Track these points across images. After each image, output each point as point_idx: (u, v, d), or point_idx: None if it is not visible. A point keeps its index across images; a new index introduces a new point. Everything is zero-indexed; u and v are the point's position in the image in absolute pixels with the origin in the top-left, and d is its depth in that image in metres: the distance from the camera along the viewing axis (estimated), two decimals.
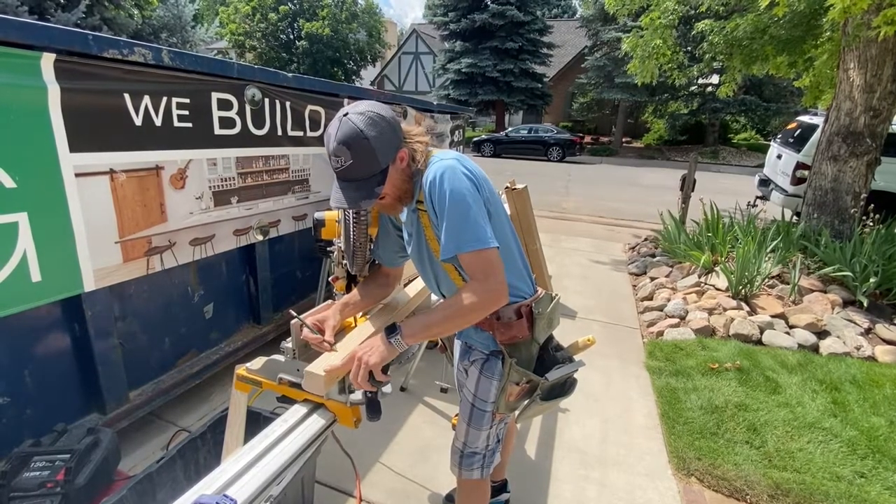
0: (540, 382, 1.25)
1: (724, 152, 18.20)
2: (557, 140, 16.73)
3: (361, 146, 1.05)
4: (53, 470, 1.48)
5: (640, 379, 2.90)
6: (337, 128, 1.05)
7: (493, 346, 1.27)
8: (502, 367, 1.25)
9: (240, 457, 1.01)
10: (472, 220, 1.06)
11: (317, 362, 1.14)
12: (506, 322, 1.22)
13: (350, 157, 1.05)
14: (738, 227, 4.66)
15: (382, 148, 1.08)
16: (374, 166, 1.08)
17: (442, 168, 1.09)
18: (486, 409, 1.31)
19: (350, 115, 1.06)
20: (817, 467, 2.10)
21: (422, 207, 1.18)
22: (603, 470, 2.14)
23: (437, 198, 1.08)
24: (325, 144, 1.09)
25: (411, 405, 2.54)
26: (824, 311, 3.57)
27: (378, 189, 1.10)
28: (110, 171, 1.81)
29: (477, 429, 1.34)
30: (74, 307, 1.82)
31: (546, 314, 1.27)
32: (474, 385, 1.32)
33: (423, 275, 1.33)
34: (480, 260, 1.08)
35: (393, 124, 1.11)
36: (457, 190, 1.07)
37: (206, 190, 2.24)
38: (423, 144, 1.17)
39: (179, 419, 2.33)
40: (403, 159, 1.14)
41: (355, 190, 1.09)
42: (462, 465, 1.40)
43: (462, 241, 1.06)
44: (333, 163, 1.08)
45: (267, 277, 2.84)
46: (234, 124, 2.33)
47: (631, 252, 5.73)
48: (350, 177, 1.09)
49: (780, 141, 7.48)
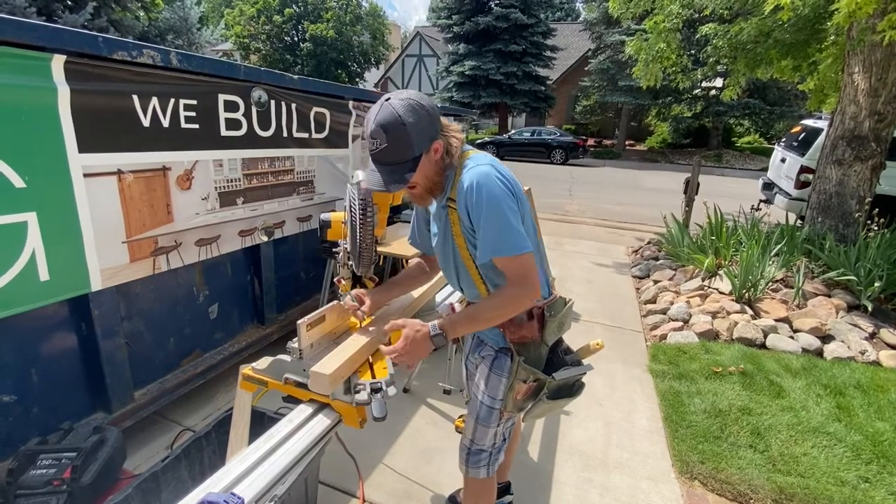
0: (547, 381, 1.28)
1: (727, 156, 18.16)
2: (560, 143, 16.73)
3: (398, 131, 1.08)
4: (60, 468, 1.49)
5: (644, 382, 2.90)
6: (377, 111, 1.09)
7: (503, 342, 1.30)
8: (511, 364, 1.28)
9: (246, 456, 1.02)
10: (510, 226, 1.11)
11: (323, 362, 1.15)
12: (517, 322, 1.25)
13: (386, 140, 1.09)
14: (742, 231, 4.65)
15: (418, 136, 1.11)
16: (408, 152, 1.11)
17: (478, 175, 1.12)
18: (494, 407, 1.34)
19: (392, 101, 1.10)
20: (821, 472, 2.09)
21: (452, 205, 1.21)
22: (606, 473, 2.14)
23: (474, 205, 1.12)
24: (364, 126, 1.13)
25: (414, 406, 2.54)
26: (829, 316, 3.55)
27: (409, 175, 1.12)
28: (118, 172, 1.83)
29: (485, 426, 1.36)
30: (81, 306, 1.84)
31: (558, 318, 1.30)
32: (484, 382, 1.35)
33: (446, 269, 1.36)
34: (518, 265, 1.14)
35: (432, 114, 1.14)
36: (494, 198, 1.11)
37: (211, 191, 2.26)
38: (458, 140, 1.19)
39: (184, 419, 2.34)
40: (438, 151, 1.16)
41: (388, 173, 1.13)
42: (469, 463, 1.42)
43: (500, 247, 1.12)
44: (369, 144, 1.12)
45: (271, 278, 2.86)
46: (241, 126, 2.35)
47: (634, 255, 5.72)
48: (384, 160, 1.12)
49: (784, 144, 7.47)
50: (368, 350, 1.28)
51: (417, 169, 1.14)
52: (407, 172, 1.13)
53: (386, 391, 1.15)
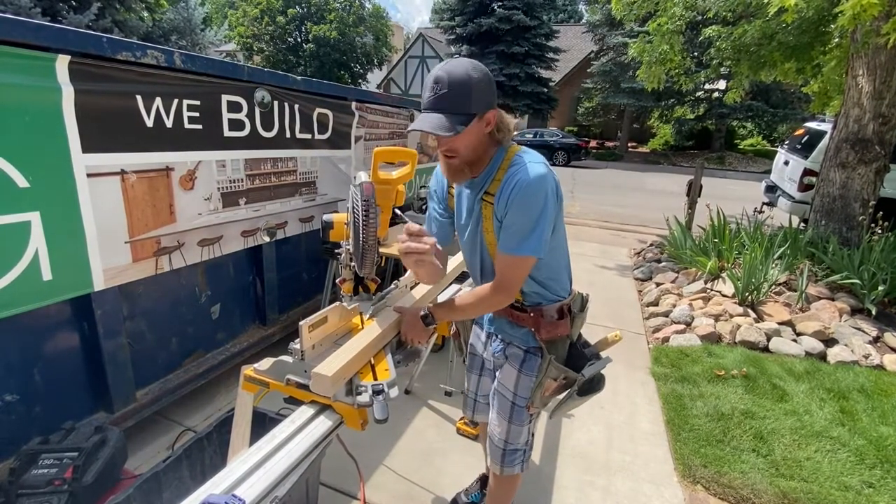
0: (577, 378, 1.34)
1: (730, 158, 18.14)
2: (563, 144, 16.74)
3: (462, 81, 1.09)
4: (61, 468, 1.49)
5: (646, 385, 2.89)
6: (444, 63, 1.12)
7: (533, 342, 1.34)
8: (541, 363, 1.33)
9: (247, 457, 1.02)
10: (536, 232, 1.14)
11: (324, 364, 1.14)
12: (549, 320, 1.30)
13: (448, 86, 1.09)
14: (745, 234, 4.64)
15: (479, 95, 1.11)
16: (466, 106, 1.11)
17: (537, 175, 1.12)
18: (524, 406, 1.38)
19: (461, 58, 1.14)
20: (825, 476, 2.08)
21: (489, 200, 1.21)
22: (607, 476, 2.13)
23: (520, 200, 1.12)
24: (427, 80, 1.13)
25: (415, 408, 2.54)
26: (832, 319, 3.54)
27: (460, 128, 1.10)
28: (121, 172, 1.83)
29: (519, 425, 1.41)
30: (84, 306, 1.84)
31: (581, 314, 1.38)
32: (513, 383, 1.38)
33: (470, 261, 1.40)
34: (516, 266, 1.19)
35: (493, 84, 1.16)
36: (541, 204, 1.13)
37: (214, 191, 2.26)
38: (509, 128, 1.20)
39: (185, 419, 2.34)
40: (490, 123, 1.16)
41: (439, 119, 1.10)
42: (504, 463, 1.46)
43: (516, 244, 1.15)
44: (429, 91, 1.11)
45: (273, 279, 2.86)
46: (244, 126, 2.35)
47: (636, 257, 5.71)
48: (440, 105, 1.11)
49: (788, 147, 7.45)
50: (371, 351, 1.27)
51: (466, 132, 1.12)
52: (459, 125, 1.10)
53: (388, 393, 1.14)
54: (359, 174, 1.33)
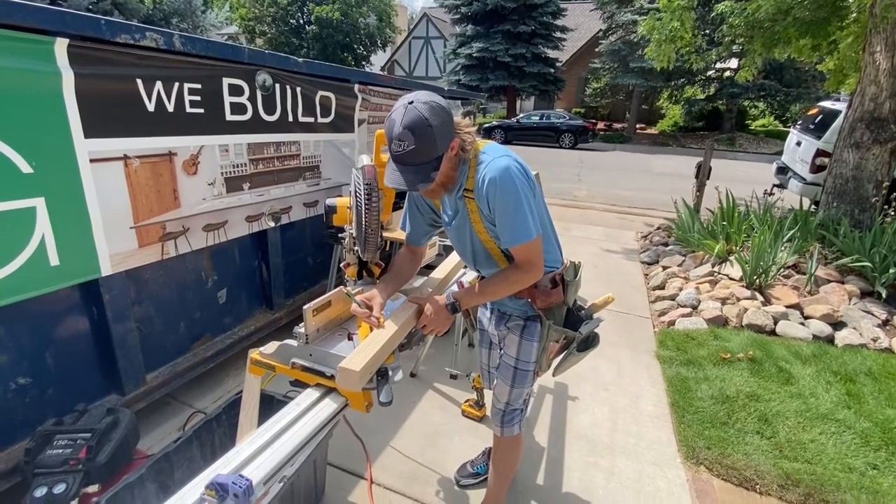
0: (575, 336, 1.46)
1: (740, 139, 17.78)
2: (570, 126, 16.47)
3: (425, 133, 1.13)
4: (75, 448, 1.52)
5: (651, 368, 2.89)
6: (403, 114, 1.13)
7: (531, 311, 1.42)
8: (541, 329, 1.42)
9: (254, 438, 1.03)
10: (525, 217, 1.21)
11: (351, 357, 1.13)
12: (543, 290, 1.38)
13: (413, 142, 1.13)
14: (755, 216, 4.57)
15: (442, 136, 1.16)
16: (433, 152, 1.16)
17: (498, 171, 1.19)
18: (528, 369, 1.47)
19: (416, 104, 1.14)
20: (829, 458, 2.09)
21: (469, 196, 1.28)
22: (611, 458, 2.15)
23: (498, 198, 1.20)
24: (388, 129, 1.16)
25: (421, 391, 2.57)
26: (841, 302, 3.50)
27: (433, 174, 1.18)
28: (124, 157, 1.83)
29: (521, 387, 1.50)
30: (92, 291, 1.86)
31: (575, 281, 1.46)
32: (516, 349, 1.46)
33: (462, 251, 1.45)
34: (527, 250, 1.26)
35: (450, 115, 1.20)
36: (514, 192, 1.19)
37: (218, 176, 2.25)
38: (471, 136, 1.26)
39: (195, 401, 2.39)
40: (454, 148, 1.22)
41: (413, 173, 1.17)
42: (504, 424, 1.57)
43: (518, 236, 1.23)
44: (395, 146, 1.15)
45: (279, 263, 2.87)
46: (246, 110, 2.33)
47: (643, 241, 5.66)
48: (410, 161, 1.16)
49: (800, 127, 7.28)
50: (394, 343, 1.27)
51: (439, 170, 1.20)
52: (432, 171, 1.18)
53: (392, 376, 1.15)
54: (361, 157, 1.31)
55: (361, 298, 1.32)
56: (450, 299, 1.35)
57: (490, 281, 1.36)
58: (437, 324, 1.35)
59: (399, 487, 1.93)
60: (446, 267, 1.71)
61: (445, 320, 1.36)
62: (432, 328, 1.36)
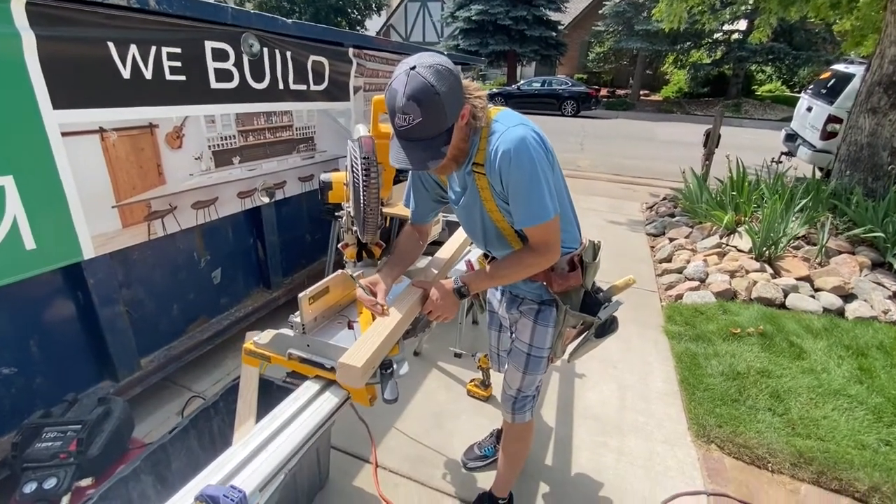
0: (594, 321, 1.35)
1: (746, 105, 17.32)
2: (572, 93, 15.99)
3: (433, 102, 0.98)
4: (65, 441, 1.45)
5: (659, 344, 2.83)
6: (405, 82, 0.98)
7: (546, 295, 1.32)
8: (557, 314, 1.31)
9: (249, 439, 0.95)
10: (542, 194, 1.08)
11: (352, 352, 1.03)
12: (560, 273, 1.27)
13: (420, 114, 0.99)
14: (765, 186, 4.43)
15: (451, 104, 1.02)
16: (443, 124, 1.02)
17: (513, 141, 1.05)
18: (542, 356, 1.38)
19: (419, 69, 0.98)
20: (842, 435, 2.04)
21: (479, 171, 1.14)
22: (621, 437, 2.11)
23: (512, 173, 1.06)
24: (389, 101, 1.01)
25: (425, 370, 2.51)
26: (851, 274, 3.42)
27: (444, 149, 1.05)
28: (100, 130, 1.68)
29: (533, 374, 1.41)
30: (76, 276, 1.75)
31: (594, 263, 1.35)
32: (529, 335, 1.36)
33: (471, 231, 1.33)
34: (544, 231, 1.14)
35: (459, 78, 1.05)
36: (532, 166, 1.06)
37: (205, 150, 2.11)
38: (482, 101, 1.11)
39: (193, 384, 2.33)
40: (465, 117, 1.08)
41: (422, 150, 1.04)
42: (515, 410, 1.48)
43: (533, 215, 1.10)
44: (399, 121, 1.01)
45: (275, 241, 2.76)
46: (232, 77, 2.16)
47: (649, 212, 5.54)
48: (417, 136, 1.02)
49: (812, 92, 7.02)
50: (398, 333, 1.17)
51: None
52: (443, 146, 1.05)
53: (397, 370, 1.06)
54: (357, 127, 1.18)
55: (366, 283, 1.21)
56: (458, 283, 1.24)
57: (502, 264, 1.24)
58: (444, 310, 1.24)
59: (405, 471, 1.89)
60: (452, 245, 1.59)
61: (453, 306, 1.26)
62: (439, 314, 1.25)
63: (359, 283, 1.19)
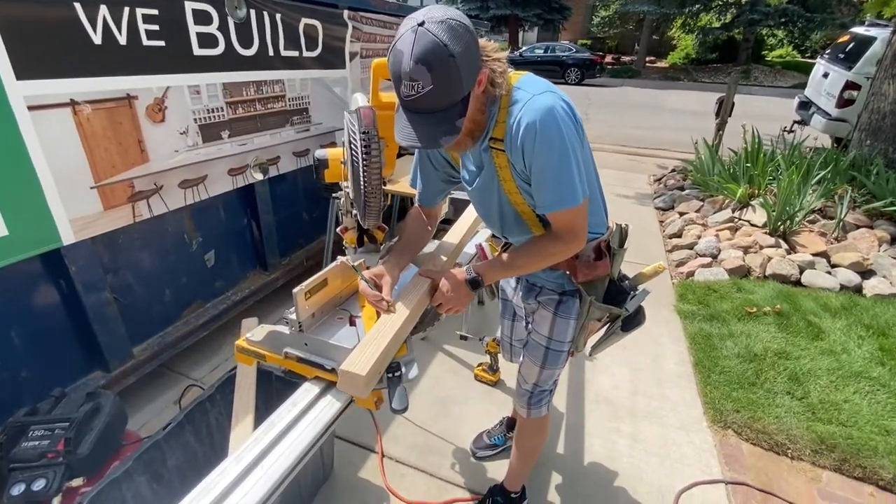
0: (621, 314, 1.25)
1: (756, 72, 16.76)
2: (576, 60, 15.46)
3: (446, 66, 0.82)
4: (53, 439, 1.37)
5: (671, 324, 2.74)
6: (412, 42, 0.81)
7: (568, 285, 1.21)
8: (580, 306, 1.21)
9: (241, 454, 0.85)
10: (572, 175, 0.95)
11: (354, 358, 0.90)
12: (586, 262, 1.16)
13: (431, 80, 0.83)
14: (781, 157, 4.25)
15: (467, 68, 0.86)
16: (458, 92, 0.87)
17: (541, 110, 0.90)
18: (562, 350, 1.28)
19: (428, 25, 0.81)
20: (864, 420, 1.97)
21: (497, 147, 0.99)
22: (634, 423, 2.04)
23: (538, 149, 0.92)
24: (394, 65, 0.85)
25: (431, 354, 2.42)
26: (870, 249, 3.30)
27: (460, 122, 0.89)
28: (71, 103, 1.53)
29: (552, 368, 1.32)
30: (56, 263, 1.63)
31: (622, 250, 1.23)
32: (548, 328, 1.26)
33: (486, 215, 1.19)
34: (571, 217, 1.01)
35: (475, 36, 0.89)
36: (561, 142, 0.92)
37: (190, 123, 1.95)
38: (501, 64, 0.94)
39: (191, 371, 2.25)
40: (482, 83, 0.92)
41: (434, 124, 0.88)
42: (531, 405, 1.40)
43: (559, 199, 0.97)
44: (406, 89, 0.85)
45: (270, 221, 2.62)
46: (217, 43, 1.97)
47: (657, 185, 5.37)
48: (426, 107, 0.87)
49: (829, 57, 6.71)
50: (409, 327, 1.05)
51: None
52: (458, 118, 0.88)
53: (406, 373, 0.95)
54: (355, 97, 1.03)
55: (370, 275, 1.08)
56: (471, 273, 1.10)
57: (521, 252, 1.11)
58: (455, 302, 1.11)
59: (412, 460, 1.82)
60: (461, 228, 1.46)
61: (465, 298, 1.12)
62: (449, 307, 1.12)
63: (361, 275, 1.06)
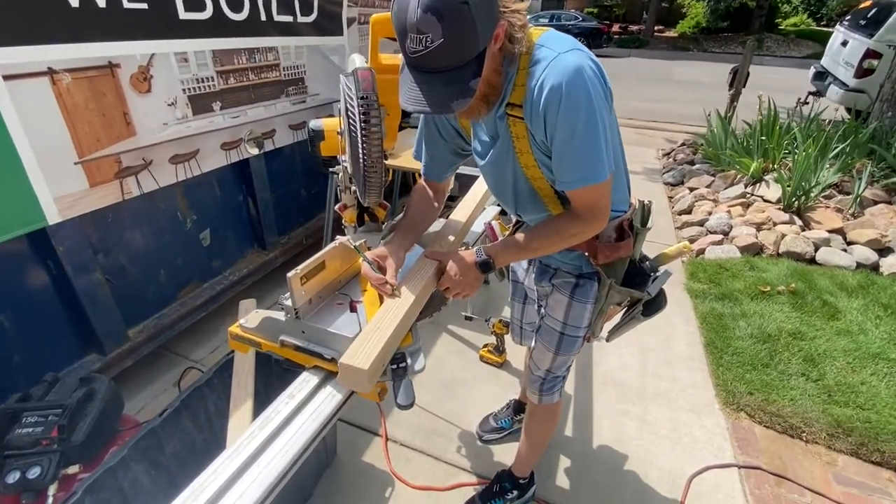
0: (642, 297, 1.17)
1: (768, 41, 16.19)
2: (582, 29, 14.95)
3: (459, 15, 0.71)
4: (47, 426, 1.32)
5: (682, 303, 2.67)
6: None
7: (587, 267, 1.12)
8: (599, 289, 1.13)
9: (235, 452, 0.79)
10: (600, 147, 0.85)
11: (355, 350, 0.82)
12: (607, 242, 1.06)
13: (441, 32, 0.72)
14: (798, 129, 4.09)
15: (484, 19, 0.74)
16: (472, 47, 0.76)
17: (568, 71, 0.79)
18: (578, 336, 1.21)
19: None
20: (883, 403, 1.92)
21: (515, 114, 0.88)
22: (643, 405, 1.99)
23: (562, 115, 0.80)
24: (398, 16, 0.74)
25: (435, 335, 2.37)
26: (888, 226, 3.19)
27: (474, 83, 0.78)
28: (49, 72, 1.42)
29: (566, 354, 1.24)
30: (42, 244, 1.55)
31: (645, 229, 1.14)
32: (563, 312, 1.18)
33: (499, 191, 1.09)
34: (593, 195, 0.92)
35: None
36: (591, 108, 0.81)
37: (179, 94, 1.84)
38: (521, 17, 0.81)
39: (190, 353, 2.20)
40: (499, 39, 0.80)
41: (444, 84, 0.78)
42: (543, 392, 1.34)
43: (582, 174, 0.87)
44: (412, 43, 0.74)
45: (267, 197, 2.53)
46: (204, 6, 1.84)
47: (665, 159, 5.21)
48: (437, 64, 0.76)
49: (848, 24, 6.41)
50: (414, 314, 0.97)
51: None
52: (471, 79, 0.77)
53: (412, 365, 0.88)
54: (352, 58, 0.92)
55: (374, 256, 0.99)
56: (481, 256, 1.01)
57: (537, 233, 1.01)
58: (464, 286, 1.02)
59: (417, 444, 1.78)
60: (470, 204, 1.37)
61: (475, 281, 1.03)
62: (458, 292, 1.03)
63: (364, 256, 0.97)
